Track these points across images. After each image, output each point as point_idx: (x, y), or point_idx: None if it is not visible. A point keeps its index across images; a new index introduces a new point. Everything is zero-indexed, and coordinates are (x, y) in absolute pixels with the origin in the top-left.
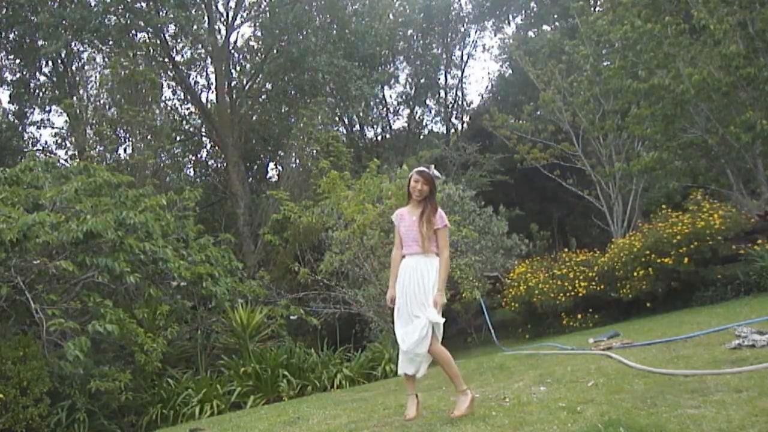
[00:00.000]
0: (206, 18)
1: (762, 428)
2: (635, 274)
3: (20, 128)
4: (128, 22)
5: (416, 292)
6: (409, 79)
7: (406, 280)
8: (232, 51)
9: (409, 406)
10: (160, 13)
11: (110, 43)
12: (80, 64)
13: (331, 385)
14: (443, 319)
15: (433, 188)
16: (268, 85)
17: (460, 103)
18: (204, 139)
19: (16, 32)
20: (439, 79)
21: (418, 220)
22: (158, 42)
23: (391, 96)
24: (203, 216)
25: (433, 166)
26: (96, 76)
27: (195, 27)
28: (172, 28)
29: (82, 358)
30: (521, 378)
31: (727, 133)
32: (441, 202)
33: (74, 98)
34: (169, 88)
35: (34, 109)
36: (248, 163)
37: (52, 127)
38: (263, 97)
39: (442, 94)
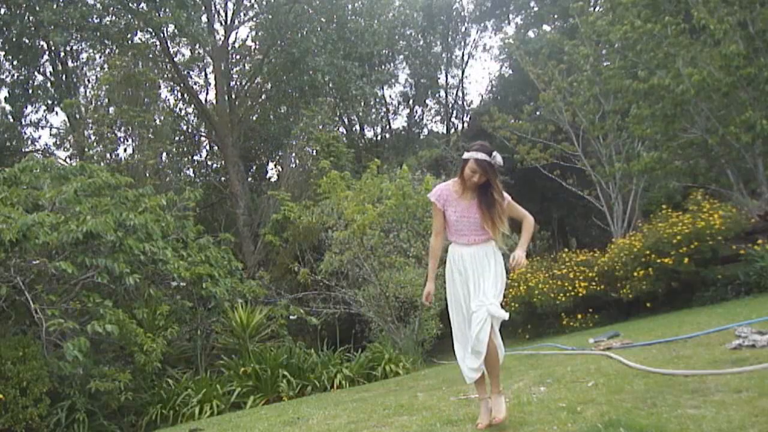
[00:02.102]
0: (205, 18)
1: (762, 428)
2: (635, 274)
3: (19, 128)
4: (128, 22)
5: (481, 279)
6: (409, 79)
7: (468, 271)
8: (231, 51)
9: (482, 412)
10: (160, 13)
11: (109, 43)
12: (79, 64)
13: (331, 385)
14: (506, 314)
15: (493, 176)
16: (268, 86)
17: (460, 103)
18: (203, 139)
19: (14, 32)
20: (439, 78)
21: (478, 207)
22: (157, 42)
23: (390, 96)
24: (203, 216)
25: (495, 153)
26: (95, 76)
27: (194, 27)
28: (171, 28)
29: (81, 358)
30: (521, 378)
31: (727, 133)
32: None
33: (73, 98)
34: (167, 88)
35: (32, 109)
36: (248, 163)
37: (51, 128)
38: (263, 97)
39: (442, 94)
